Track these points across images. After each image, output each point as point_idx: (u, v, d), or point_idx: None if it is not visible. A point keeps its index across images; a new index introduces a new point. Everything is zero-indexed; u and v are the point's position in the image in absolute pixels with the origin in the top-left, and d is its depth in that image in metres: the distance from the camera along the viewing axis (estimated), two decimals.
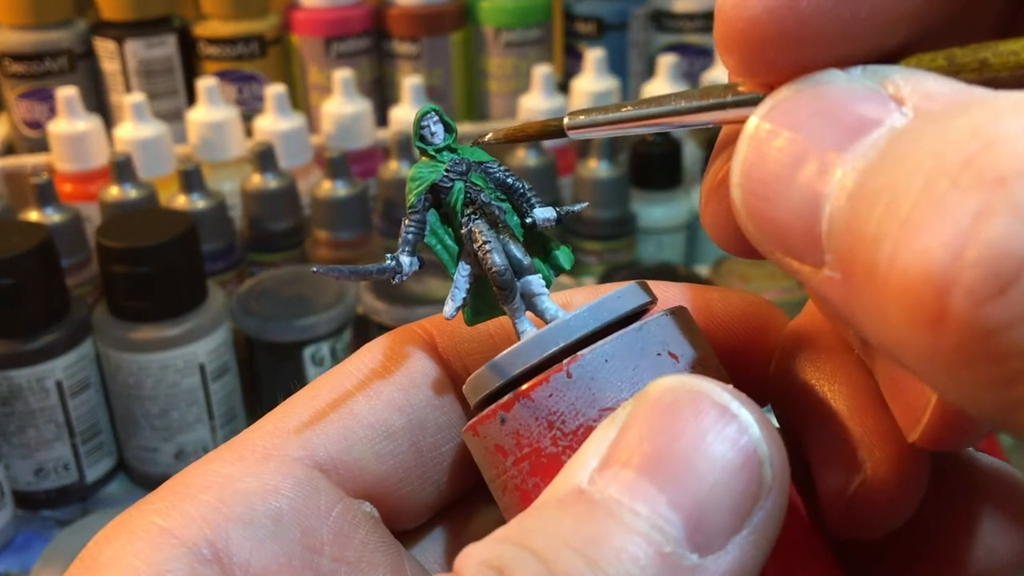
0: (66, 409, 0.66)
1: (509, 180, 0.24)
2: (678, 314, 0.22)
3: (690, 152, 0.90)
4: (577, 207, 0.24)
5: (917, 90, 0.16)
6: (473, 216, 0.23)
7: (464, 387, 0.23)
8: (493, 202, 0.24)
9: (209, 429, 0.69)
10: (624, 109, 0.20)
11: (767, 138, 0.17)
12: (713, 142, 0.21)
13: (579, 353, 0.21)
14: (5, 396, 0.64)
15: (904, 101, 0.16)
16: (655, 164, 0.86)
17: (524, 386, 0.21)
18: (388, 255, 0.23)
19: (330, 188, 0.79)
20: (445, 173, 0.23)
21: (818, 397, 0.22)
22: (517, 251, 0.23)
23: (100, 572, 0.20)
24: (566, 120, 0.21)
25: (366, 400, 0.24)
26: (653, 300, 0.23)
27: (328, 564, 0.22)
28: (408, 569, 0.24)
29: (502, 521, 0.22)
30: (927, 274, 0.14)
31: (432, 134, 0.24)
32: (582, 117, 0.21)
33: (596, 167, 0.82)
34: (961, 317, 0.14)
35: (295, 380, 0.70)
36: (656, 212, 0.86)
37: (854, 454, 0.21)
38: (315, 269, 0.22)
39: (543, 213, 0.24)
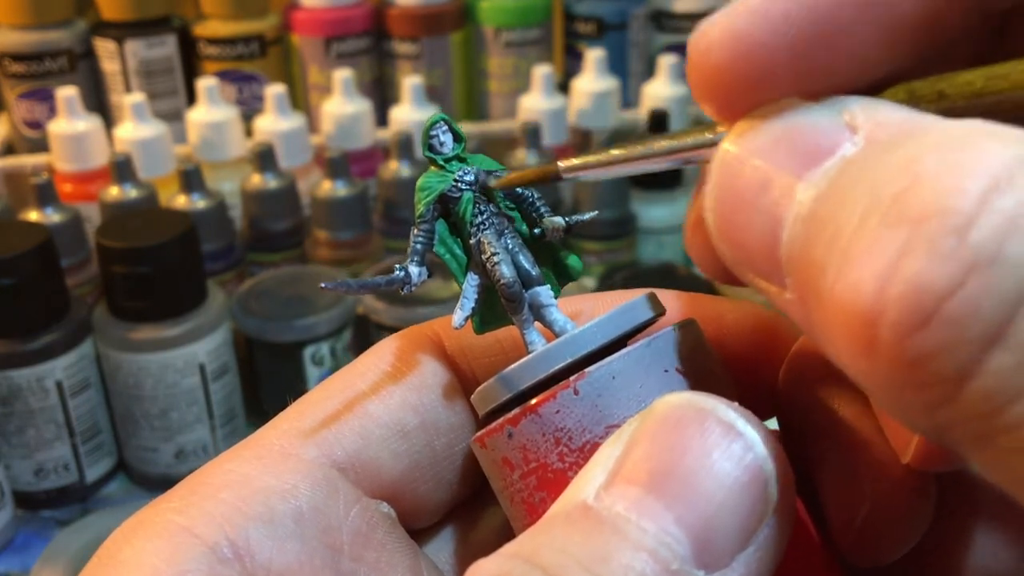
0: (66, 409, 0.66)
1: (518, 190, 0.24)
2: (687, 328, 0.22)
3: None
4: (587, 216, 0.24)
5: (870, 119, 0.17)
6: (482, 226, 0.23)
7: (472, 397, 0.23)
8: (502, 212, 0.23)
9: (209, 429, 0.69)
10: (613, 153, 0.21)
11: (734, 164, 0.18)
12: None
13: (586, 370, 0.21)
14: (5, 396, 0.64)
15: (857, 130, 0.17)
16: None
17: (531, 402, 0.21)
18: (397, 266, 0.23)
19: (330, 188, 0.79)
20: (454, 183, 0.23)
21: (823, 422, 0.22)
22: (526, 262, 0.23)
23: (119, 570, 0.20)
24: (561, 165, 0.22)
25: (379, 400, 0.24)
26: (662, 312, 0.23)
27: (348, 564, 0.22)
28: (424, 569, 0.24)
29: (510, 524, 0.23)
30: (858, 306, 0.15)
31: (441, 144, 0.23)
32: (575, 161, 0.22)
33: None
34: (888, 348, 0.15)
35: (295, 380, 0.70)
36: (656, 212, 0.86)
37: (861, 482, 0.22)
38: (323, 285, 0.22)
39: (551, 223, 0.23)
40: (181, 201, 0.76)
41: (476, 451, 0.23)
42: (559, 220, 0.24)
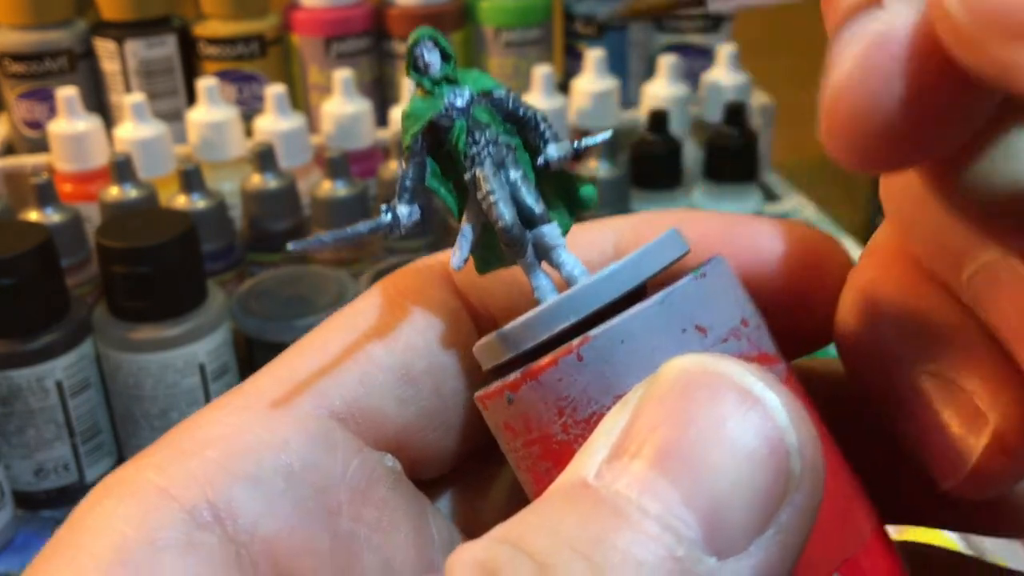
0: (66, 409, 0.66)
1: (520, 111, 0.21)
2: (711, 274, 0.19)
3: (690, 152, 0.90)
4: (598, 138, 0.21)
5: None
6: (477, 158, 0.20)
7: (474, 349, 0.21)
8: (500, 140, 0.20)
9: None
10: None
11: None
12: (714, 142, 0.20)
13: (590, 333, 0.18)
14: (5, 396, 0.64)
15: None
16: (655, 164, 0.86)
17: (531, 367, 0.19)
18: (383, 207, 0.20)
19: (330, 188, 0.79)
20: (444, 109, 0.20)
21: (913, 346, 0.20)
22: (529, 197, 0.20)
23: (84, 536, 0.18)
24: None
25: (383, 342, 0.21)
26: (686, 252, 0.20)
27: (346, 525, 0.20)
28: (433, 527, 0.22)
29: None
30: None
31: (427, 65, 0.20)
32: None
33: (596, 167, 0.82)
34: None
35: None
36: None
37: (978, 404, 0.19)
38: (291, 246, 0.19)
39: (557, 150, 0.21)
40: (181, 201, 0.76)
41: (480, 409, 0.21)
42: (566, 145, 0.21)
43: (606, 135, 0.21)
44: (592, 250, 0.23)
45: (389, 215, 0.20)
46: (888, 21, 0.16)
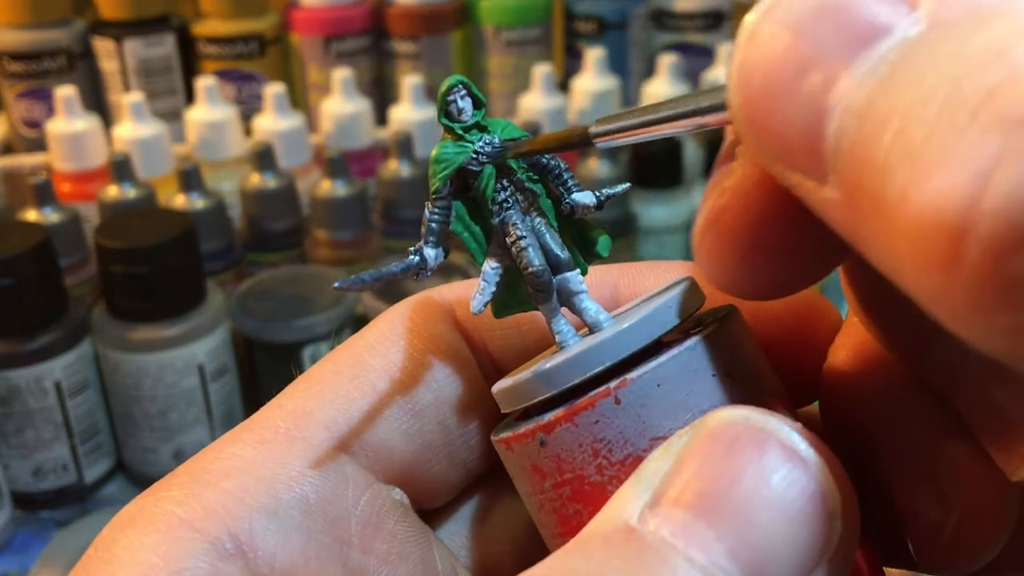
0: (64, 409, 0.66)
1: (543, 160, 0.21)
2: (731, 322, 0.20)
3: (691, 152, 0.90)
4: (619, 188, 0.22)
5: None
6: (505, 204, 0.21)
7: (494, 390, 0.21)
8: (527, 187, 0.21)
9: (208, 430, 0.69)
10: (651, 112, 0.18)
11: (768, 40, 0.15)
12: (715, 142, 0.20)
13: (628, 377, 0.19)
14: (3, 396, 0.64)
15: (918, 6, 0.14)
16: (655, 164, 0.85)
17: (566, 410, 0.19)
18: (411, 249, 0.21)
19: (329, 188, 0.79)
20: (474, 155, 0.21)
21: (888, 425, 0.21)
22: (554, 244, 0.21)
23: (113, 564, 0.19)
24: (592, 128, 0.19)
25: (390, 376, 0.22)
26: (703, 300, 0.21)
27: (357, 556, 0.21)
28: (437, 558, 0.22)
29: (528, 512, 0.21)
30: (941, 218, 0.13)
31: (459, 111, 0.21)
32: (610, 124, 0.19)
33: (596, 167, 0.82)
34: (976, 267, 0.13)
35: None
36: (656, 212, 0.85)
37: (946, 489, 0.20)
38: (337, 285, 0.20)
39: (581, 199, 0.21)
40: (180, 201, 0.76)
41: (500, 451, 0.21)
42: (589, 196, 0.21)
43: (626, 186, 0.23)
44: (592, 295, 0.24)
45: (417, 257, 0.21)
46: (736, 173, 0.18)
